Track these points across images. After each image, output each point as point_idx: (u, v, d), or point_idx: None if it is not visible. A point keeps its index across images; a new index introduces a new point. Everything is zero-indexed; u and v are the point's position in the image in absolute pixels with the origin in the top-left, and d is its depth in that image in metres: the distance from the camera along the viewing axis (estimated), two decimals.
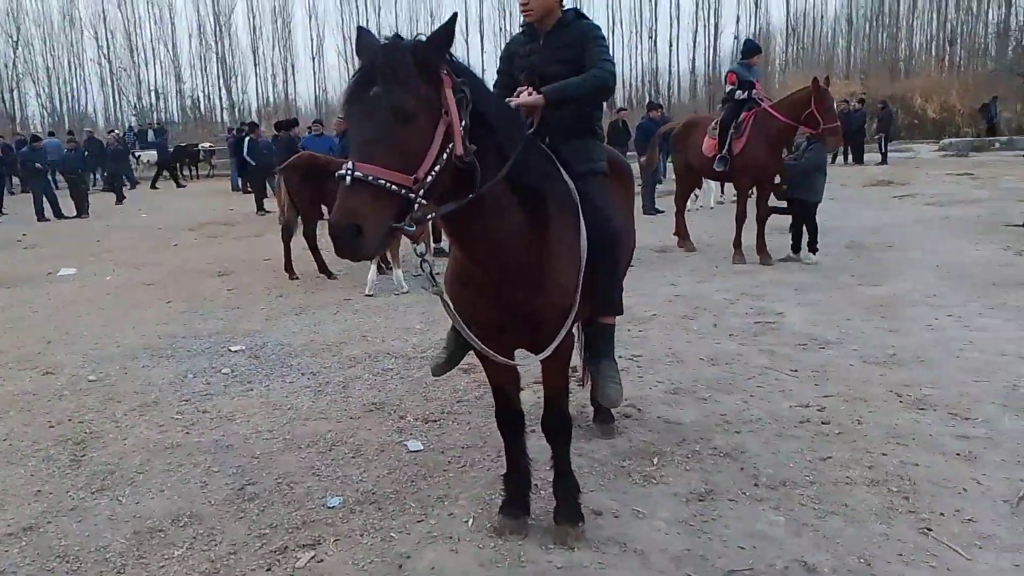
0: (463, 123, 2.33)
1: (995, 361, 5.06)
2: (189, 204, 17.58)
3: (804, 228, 8.59)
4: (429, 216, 2.36)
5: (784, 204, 8.81)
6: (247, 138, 16.10)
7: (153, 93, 43.65)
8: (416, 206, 2.21)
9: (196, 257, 10.27)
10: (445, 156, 2.27)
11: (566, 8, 3.33)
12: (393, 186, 2.13)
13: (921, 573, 2.86)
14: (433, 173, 2.23)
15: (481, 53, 40.13)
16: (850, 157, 21.62)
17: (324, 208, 8.02)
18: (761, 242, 8.63)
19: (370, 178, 2.10)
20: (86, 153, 19.39)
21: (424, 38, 2.30)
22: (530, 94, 3.03)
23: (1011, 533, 3.09)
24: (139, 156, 25.90)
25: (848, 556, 2.98)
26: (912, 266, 8.04)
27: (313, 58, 44.90)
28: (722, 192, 14.18)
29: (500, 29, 44.05)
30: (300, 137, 13.84)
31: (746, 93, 8.48)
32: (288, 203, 8.31)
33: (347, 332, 6.37)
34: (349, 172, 2.11)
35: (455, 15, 2.38)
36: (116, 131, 25.84)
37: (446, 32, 2.30)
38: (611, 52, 3.29)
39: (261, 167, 15.32)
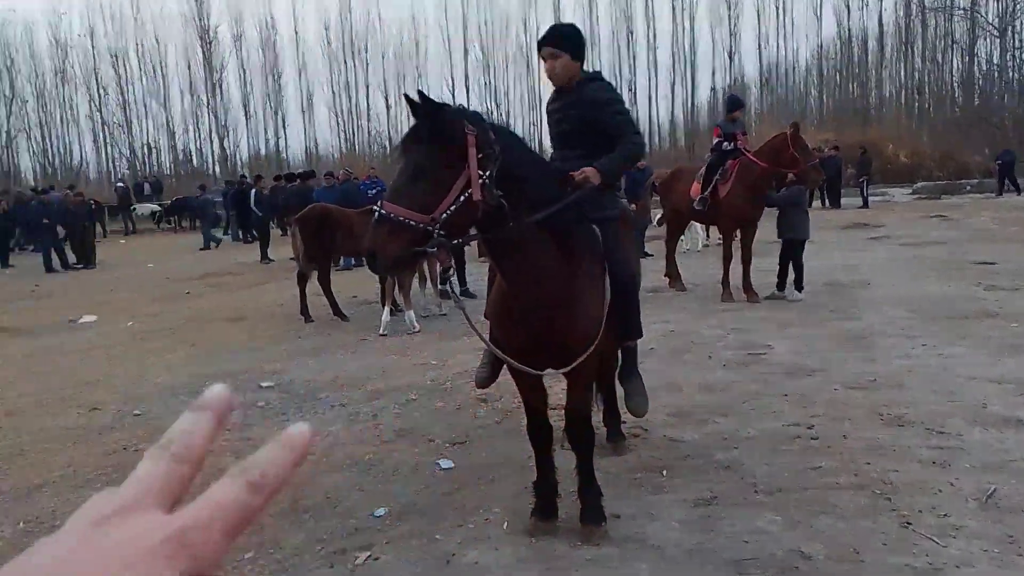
0: (487, 174, 2.90)
1: (966, 384, 5.56)
2: (191, 256, 18.02)
3: (791, 266, 9.15)
4: (455, 243, 2.99)
5: None
6: (253, 190, 16.70)
7: (145, 147, 44.35)
8: (435, 236, 2.82)
9: (209, 305, 10.69)
10: (463, 199, 2.85)
11: (586, 71, 3.87)
12: (411, 222, 2.76)
13: (903, 557, 3.32)
14: (448, 212, 2.83)
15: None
16: (827, 201, 22.42)
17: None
18: (747, 282, 9.18)
19: (392, 215, 2.76)
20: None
21: (453, 106, 2.96)
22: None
23: (980, 524, 3.55)
24: (135, 209, 26.42)
25: (838, 546, 3.43)
26: (886, 302, 8.61)
27: (303, 112, 45.91)
28: (707, 236, 14.83)
29: (484, 84, 45.41)
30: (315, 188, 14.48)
31: (731, 144, 9.14)
32: (303, 251, 8.80)
33: (367, 369, 6.81)
34: (378, 210, 2.79)
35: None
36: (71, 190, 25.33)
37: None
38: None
39: (266, 217, 15.96)
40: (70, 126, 44.06)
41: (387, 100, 44.28)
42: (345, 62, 45.23)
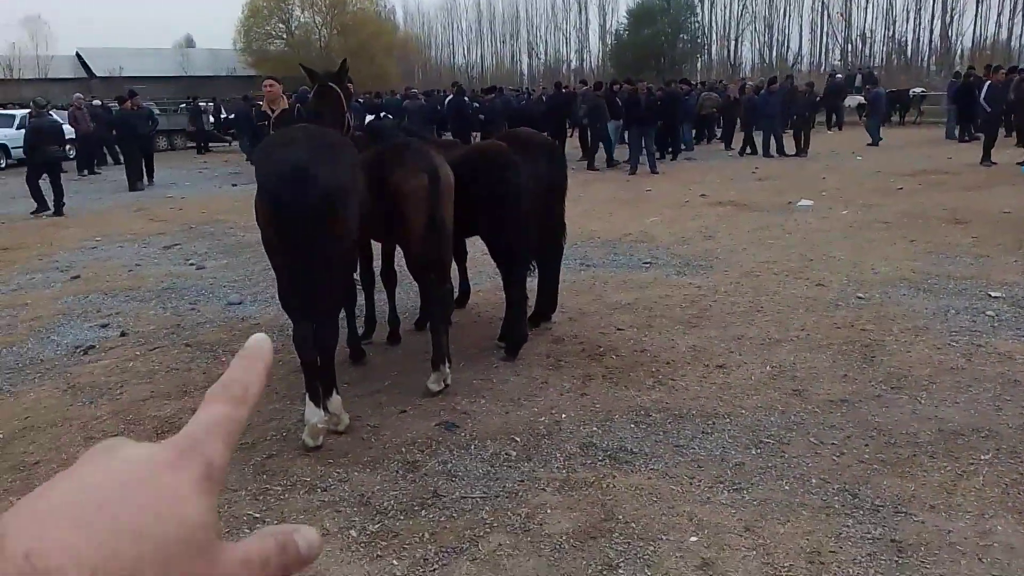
0: None
1: None
2: (901, 151, 17.40)
3: None
4: None
5: None
6: (987, 83, 15.02)
7: (859, 38, 43.72)
8: None
9: (924, 202, 10.27)
10: None
11: None
12: None
13: None
14: None
15: None
16: None
17: None
18: None
19: None
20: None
21: None
22: None
23: None
24: (845, 101, 26.66)
25: None
26: None
27: None
28: None
29: None
30: None
31: None
32: None
33: None
34: None
35: None
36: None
37: None
38: None
39: (995, 114, 14.31)
40: (792, 18, 46.17)
41: None
42: None
